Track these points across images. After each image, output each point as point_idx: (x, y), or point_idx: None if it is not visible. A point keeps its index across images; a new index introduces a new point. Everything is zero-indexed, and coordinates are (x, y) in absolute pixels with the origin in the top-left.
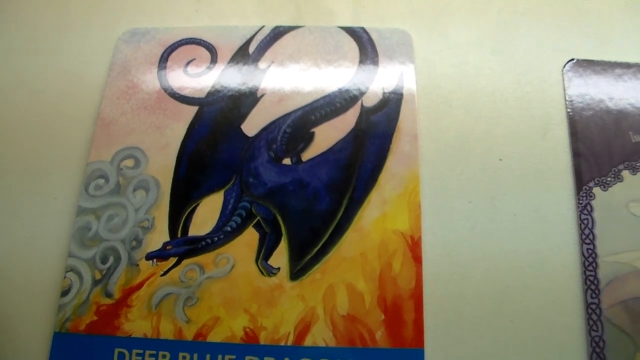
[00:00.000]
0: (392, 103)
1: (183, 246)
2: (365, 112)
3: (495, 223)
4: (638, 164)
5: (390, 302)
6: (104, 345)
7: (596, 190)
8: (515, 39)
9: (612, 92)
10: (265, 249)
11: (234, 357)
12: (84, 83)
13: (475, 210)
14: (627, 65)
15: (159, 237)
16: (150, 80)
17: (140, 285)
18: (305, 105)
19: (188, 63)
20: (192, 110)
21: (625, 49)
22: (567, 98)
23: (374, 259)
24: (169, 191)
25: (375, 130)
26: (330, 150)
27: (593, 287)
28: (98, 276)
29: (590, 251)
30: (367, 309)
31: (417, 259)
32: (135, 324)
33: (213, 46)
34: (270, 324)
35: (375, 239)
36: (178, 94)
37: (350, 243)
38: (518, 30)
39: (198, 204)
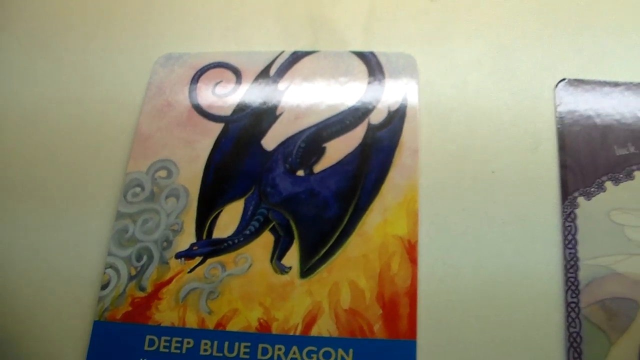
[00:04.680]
0: (396, 120)
1: (208, 247)
2: (371, 129)
3: (485, 229)
4: (620, 176)
5: (387, 298)
6: (137, 333)
7: (580, 199)
8: (512, 60)
9: (599, 108)
10: (279, 250)
11: (249, 344)
12: (124, 101)
13: (468, 217)
14: (614, 84)
15: (187, 238)
16: (182, 99)
17: (169, 281)
18: (319, 123)
19: (216, 84)
20: (218, 127)
21: (614, 69)
22: (557, 115)
23: (374, 259)
24: (197, 198)
25: (380, 145)
26: (339, 163)
27: (573, 287)
28: (133, 272)
29: (572, 255)
30: (367, 304)
31: (414, 260)
32: (165, 314)
33: (238, 69)
34: (281, 316)
35: (377, 242)
36: (207, 112)
37: (354, 246)
38: (515, 52)
39: (222, 210)
